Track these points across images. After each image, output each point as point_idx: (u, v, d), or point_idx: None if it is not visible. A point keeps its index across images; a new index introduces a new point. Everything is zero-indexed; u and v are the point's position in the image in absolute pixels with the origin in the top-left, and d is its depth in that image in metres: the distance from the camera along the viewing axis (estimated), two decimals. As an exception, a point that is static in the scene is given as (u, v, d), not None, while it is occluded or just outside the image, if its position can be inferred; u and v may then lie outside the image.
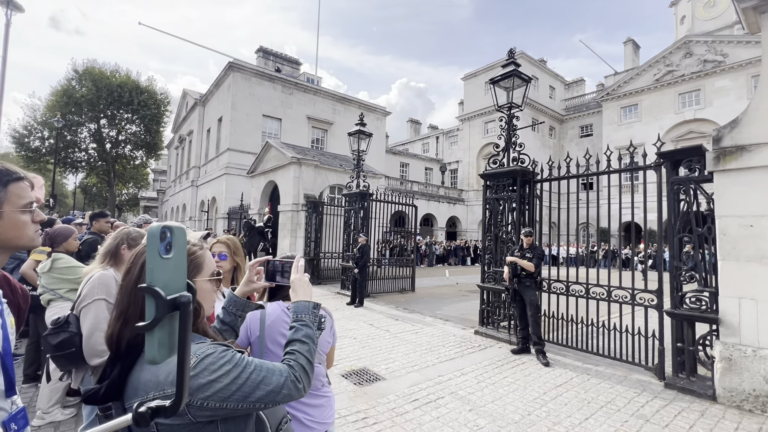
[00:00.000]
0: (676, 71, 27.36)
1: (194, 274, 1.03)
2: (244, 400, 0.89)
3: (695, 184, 4.23)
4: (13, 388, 0.94)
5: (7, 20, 10.16)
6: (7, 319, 0.97)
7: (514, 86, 6.41)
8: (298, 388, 0.98)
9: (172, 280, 0.62)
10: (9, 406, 0.92)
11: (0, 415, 0.88)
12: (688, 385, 4.03)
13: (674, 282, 4.27)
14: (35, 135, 29.53)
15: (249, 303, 1.42)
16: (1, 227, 0.90)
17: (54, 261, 3.10)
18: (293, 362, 1.03)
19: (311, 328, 1.14)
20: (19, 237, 0.94)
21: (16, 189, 0.93)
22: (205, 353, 0.89)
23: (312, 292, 1.27)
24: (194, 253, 1.05)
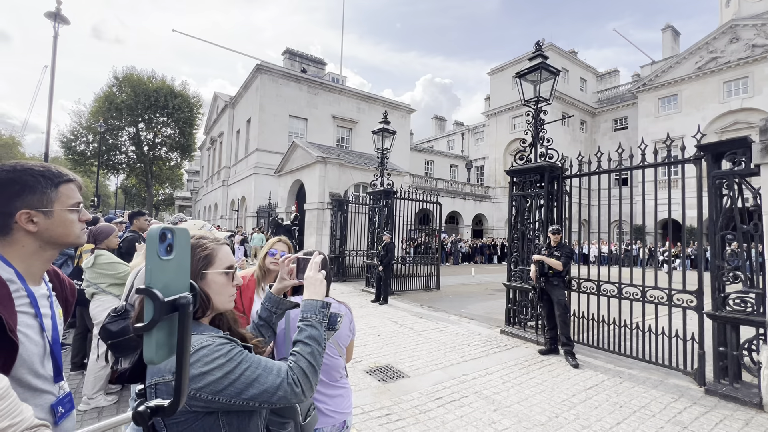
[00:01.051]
0: (720, 58, 25.62)
1: (206, 267, 1.05)
2: (237, 396, 0.89)
3: (740, 177, 3.96)
4: (61, 374, 1.03)
5: (55, 32, 10.87)
6: (56, 311, 1.06)
7: (541, 79, 6.23)
8: (295, 392, 0.95)
9: (172, 282, 0.63)
10: (57, 390, 1.00)
11: (48, 398, 0.96)
12: (731, 391, 3.80)
13: (716, 282, 4.02)
14: (81, 139, 31.51)
15: (284, 300, 1.44)
16: (50, 225, 0.98)
17: (97, 257, 3.31)
18: (293, 364, 1.00)
19: (317, 329, 1.10)
20: (67, 234, 1.02)
21: (66, 190, 1.01)
22: (202, 344, 0.92)
23: (325, 290, 1.24)
24: (205, 246, 1.07)
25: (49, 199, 0.97)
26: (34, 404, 0.93)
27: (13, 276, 0.93)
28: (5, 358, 0.85)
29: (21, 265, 0.96)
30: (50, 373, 0.98)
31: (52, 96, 10.97)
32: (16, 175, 0.93)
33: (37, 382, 0.94)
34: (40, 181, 0.96)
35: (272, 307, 1.42)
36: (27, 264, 0.97)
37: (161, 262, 0.62)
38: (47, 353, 0.97)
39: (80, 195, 1.05)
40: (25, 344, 0.90)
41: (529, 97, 6.33)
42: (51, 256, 1.03)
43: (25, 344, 0.90)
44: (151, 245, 0.62)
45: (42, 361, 0.95)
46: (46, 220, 0.97)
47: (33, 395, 0.93)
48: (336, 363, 1.78)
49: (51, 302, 1.04)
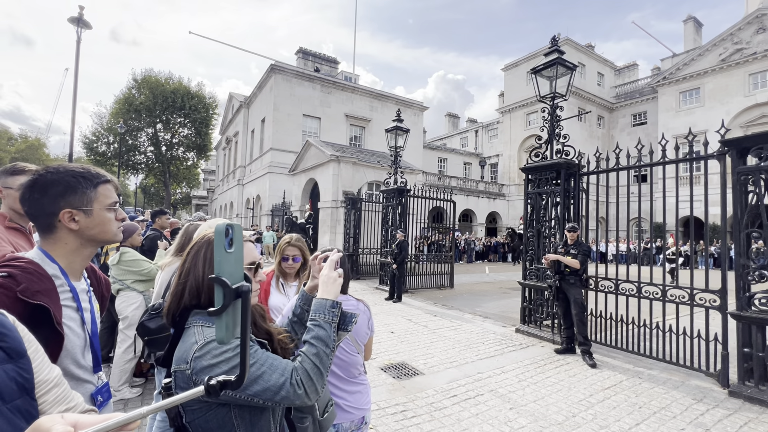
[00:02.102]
0: (746, 49, 24.68)
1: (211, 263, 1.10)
2: (241, 392, 0.92)
3: (766, 173, 3.84)
4: (99, 365, 1.09)
5: (78, 37, 11.22)
6: (94, 305, 1.12)
7: (557, 75, 6.13)
8: (298, 393, 0.95)
9: (234, 272, 0.70)
10: (96, 380, 1.06)
11: (89, 388, 1.02)
12: (756, 394, 3.69)
13: (740, 281, 3.91)
14: (102, 140, 32.44)
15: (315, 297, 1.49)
16: (90, 223, 1.04)
17: (122, 255, 3.43)
18: (298, 365, 1.00)
19: (324, 329, 1.08)
20: (105, 232, 1.08)
21: (104, 190, 1.07)
22: (212, 338, 0.96)
23: (338, 289, 1.22)
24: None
25: (89, 199, 1.03)
26: (78, 393, 0.99)
27: (58, 272, 0.99)
28: (52, 349, 0.91)
29: (63, 262, 1.02)
30: (90, 363, 1.04)
31: (75, 99, 11.34)
32: (59, 177, 0.99)
33: (79, 372, 0.99)
34: (81, 182, 1.02)
35: (305, 305, 1.45)
36: (69, 260, 1.03)
37: (226, 254, 0.69)
38: (87, 345, 1.03)
39: (116, 195, 1.11)
40: (69, 336, 0.96)
41: (544, 93, 6.24)
42: (90, 252, 1.09)
43: (69, 336, 0.96)
44: (219, 240, 0.69)
45: (83, 352, 1.01)
46: (86, 219, 1.02)
47: (76, 384, 0.99)
48: (354, 360, 1.81)
49: (90, 297, 1.10)
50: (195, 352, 0.95)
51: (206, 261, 1.08)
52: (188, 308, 1.05)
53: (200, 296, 1.06)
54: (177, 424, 0.97)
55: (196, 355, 0.94)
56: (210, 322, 1.03)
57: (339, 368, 1.78)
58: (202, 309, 1.06)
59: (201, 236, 1.12)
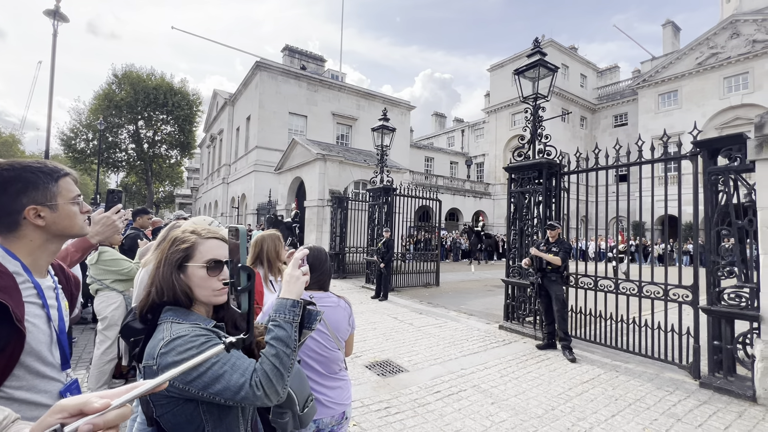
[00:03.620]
0: (721, 53, 25.56)
1: (186, 260, 1.10)
2: (204, 390, 0.93)
3: (735, 174, 4.01)
4: (68, 363, 1.08)
5: (54, 30, 10.87)
6: (62, 303, 1.11)
7: (540, 76, 6.25)
8: (257, 395, 0.94)
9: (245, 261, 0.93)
10: (64, 377, 1.05)
11: (56, 385, 1.02)
12: (725, 384, 3.86)
13: (711, 277, 4.08)
14: (81, 137, 31.50)
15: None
16: (56, 218, 1.03)
17: (100, 254, 3.36)
18: (258, 366, 0.98)
19: (285, 330, 1.04)
20: (72, 226, 1.07)
21: (65, 183, 1.06)
22: (178, 334, 0.98)
23: (301, 288, 1.17)
24: (186, 239, 1.12)
25: (53, 194, 1.02)
26: (44, 390, 0.99)
27: (19, 268, 0.98)
28: (14, 346, 0.90)
29: (28, 259, 1.01)
30: (58, 360, 1.03)
31: (51, 94, 10.99)
32: (16, 173, 0.98)
33: (45, 369, 0.99)
34: (41, 177, 1.01)
35: None
36: (34, 257, 1.02)
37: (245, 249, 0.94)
38: (54, 342, 1.02)
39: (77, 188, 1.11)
40: (33, 333, 0.95)
41: (527, 94, 6.36)
42: (56, 248, 1.08)
43: (33, 333, 0.95)
44: (243, 239, 0.94)
45: (50, 348, 1.00)
46: (52, 214, 1.02)
47: (42, 381, 0.98)
48: (335, 356, 1.83)
49: (57, 294, 1.09)
50: (161, 348, 0.96)
51: (165, 261, 1.09)
52: (159, 305, 1.06)
53: (164, 295, 1.07)
54: (152, 419, 0.98)
55: (162, 351, 0.96)
56: (181, 318, 1.04)
57: (319, 364, 1.80)
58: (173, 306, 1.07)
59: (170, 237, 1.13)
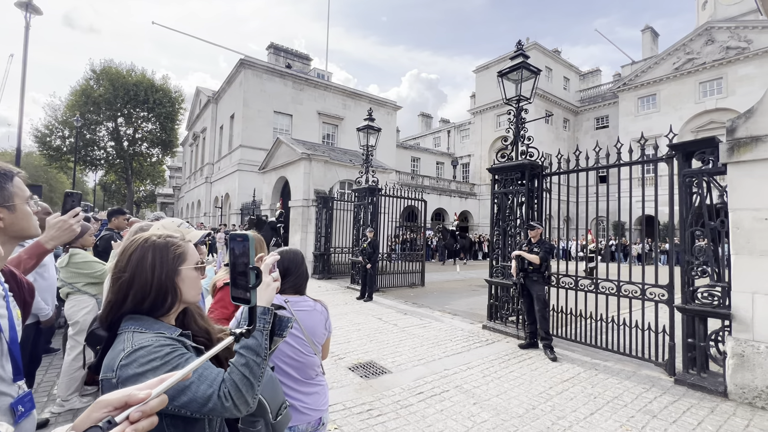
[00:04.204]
0: (696, 59, 26.44)
1: (181, 263, 1.08)
2: (170, 402, 0.86)
3: (708, 176, 4.13)
4: (20, 374, 1.02)
5: (27, 23, 10.46)
6: (13, 312, 1.04)
7: (522, 78, 6.33)
8: (226, 406, 0.92)
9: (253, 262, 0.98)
10: (16, 390, 0.99)
11: (6, 399, 0.96)
12: (698, 381, 3.97)
13: (686, 277, 4.19)
14: (56, 134, 30.43)
15: None
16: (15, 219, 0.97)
17: (71, 256, 3.23)
18: (227, 376, 0.95)
19: (255, 338, 1.01)
20: (29, 227, 1.02)
21: (19, 183, 1.01)
22: (140, 345, 0.93)
23: (272, 295, 1.14)
24: (178, 244, 1.10)
25: (10, 195, 0.97)
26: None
27: None
28: None
29: None
30: (10, 374, 0.97)
31: (24, 88, 10.57)
32: None
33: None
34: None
35: None
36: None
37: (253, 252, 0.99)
38: (5, 353, 0.96)
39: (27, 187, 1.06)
40: None
41: (510, 95, 6.42)
42: (9, 251, 1.02)
43: None
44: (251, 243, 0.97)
45: (0, 361, 0.94)
46: (10, 215, 0.96)
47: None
48: (311, 361, 1.79)
49: (8, 303, 1.03)
50: (121, 360, 0.91)
51: (155, 266, 1.04)
52: (122, 314, 1.02)
53: (144, 302, 1.02)
54: None
55: (123, 363, 0.91)
56: (144, 328, 0.99)
57: (295, 370, 1.76)
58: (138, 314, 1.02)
59: (139, 239, 1.08)
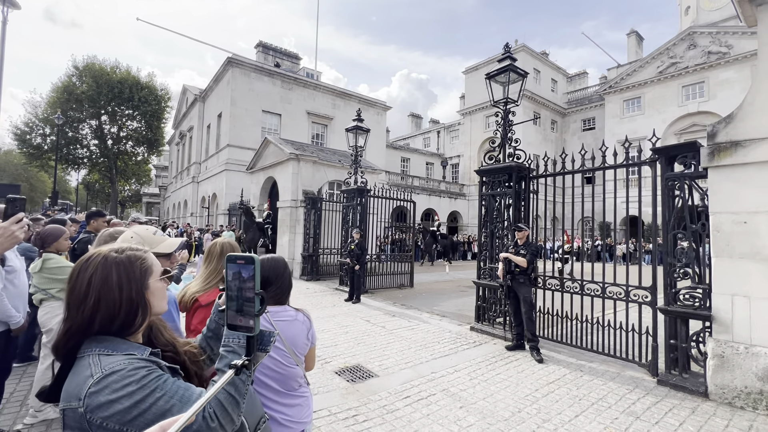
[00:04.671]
0: (679, 63, 27.04)
1: (147, 277, 1.02)
2: (148, 427, 0.83)
3: (690, 180, 4.19)
4: None
5: (4, 17, 10.13)
6: None
7: (510, 81, 6.35)
8: (211, 427, 0.88)
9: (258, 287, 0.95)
10: None
11: None
12: (680, 381, 4.03)
13: (668, 279, 4.25)
14: (37, 132, 29.60)
15: None
16: None
17: (44, 261, 3.12)
18: None
19: (239, 355, 0.99)
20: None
21: None
22: (112, 369, 0.87)
23: None
24: (143, 257, 1.04)
25: None
26: None
27: None
28: None
29: None
30: None
31: (0, 85, 10.23)
32: None
33: None
34: None
35: (221, 319, 1.37)
36: None
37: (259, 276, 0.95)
38: None
39: None
40: None
41: (498, 98, 6.45)
42: None
43: None
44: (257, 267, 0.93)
45: None
46: None
47: None
48: (293, 372, 1.75)
49: None
50: (90, 387, 0.84)
51: (122, 284, 0.97)
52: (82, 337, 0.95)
53: (114, 323, 0.95)
54: None
55: (92, 390, 0.84)
56: (110, 350, 0.93)
57: (276, 382, 1.71)
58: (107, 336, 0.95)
59: (96, 258, 0.99)
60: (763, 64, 3.75)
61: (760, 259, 3.59)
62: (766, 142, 3.59)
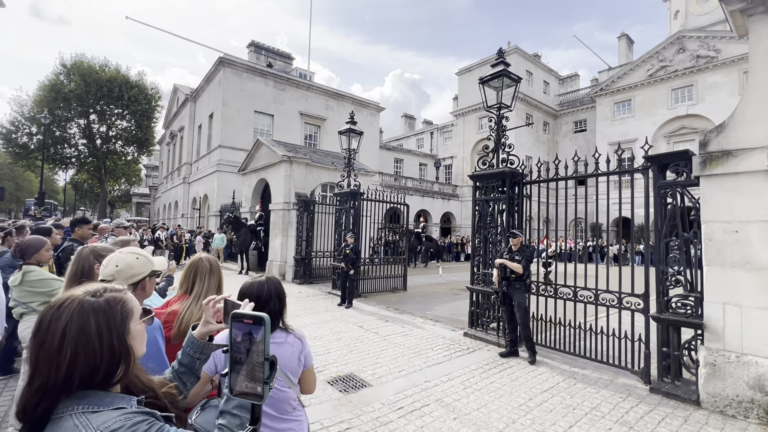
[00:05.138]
0: (669, 67, 27.41)
1: (128, 321, 0.94)
2: None
3: (682, 188, 4.21)
4: None
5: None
6: None
7: (503, 86, 6.34)
8: None
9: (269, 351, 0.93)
10: None
11: None
12: (672, 389, 4.04)
13: (660, 286, 4.26)
14: (23, 131, 29.00)
15: (209, 344, 1.34)
16: None
17: (25, 274, 3.01)
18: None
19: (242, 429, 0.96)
20: None
21: None
22: (110, 429, 0.79)
23: None
24: (123, 299, 0.96)
25: None
26: None
27: None
28: None
29: None
30: None
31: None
32: None
33: None
34: None
35: (195, 352, 1.30)
36: None
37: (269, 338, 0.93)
38: None
39: None
40: None
41: (491, 103, 6.43)
42: None
43: None
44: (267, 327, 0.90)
45: None
46: None
47: None
48: (285, 395, 1.69)
49: None
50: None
51: (101, 332, 0.87)
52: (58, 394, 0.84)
53: (95, 376, 0.86)
54: None
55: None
56: (94, 405, 0.84)
57: (268, 405, 1.65)
58: (87, 390, 0.86)
59: (69, 306, 0.88)
60: (753, 75, 3.77)
61: (751, 269, 3.61)
62: (756, 152, 3.62)
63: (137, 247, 2.01)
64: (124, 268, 1.70)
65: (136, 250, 1.75)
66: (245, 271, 13.34)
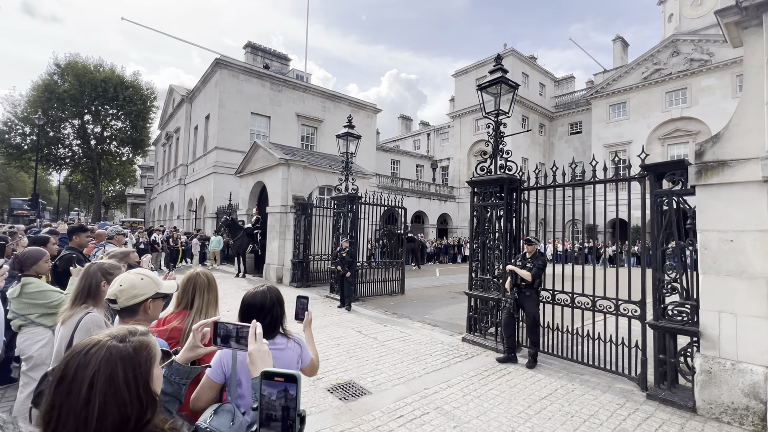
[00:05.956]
0: (663, 69, 27.65)
1: (152, 367, 0.92)
2: None
3: (678, 196, 4.26)
4: None
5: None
6: None
7: (501, 92, 6.38)
8: None
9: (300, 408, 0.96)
10: None
11: None
12: (669, 396, 4.09)
13: (657, 294, 4.31)
14: (16, 131, 28.73)
15: (194, 368, 1.33)
16: None
17: (24, 286, 2.99)
18: None
19: None
20: None
21: None
22: None
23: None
24: (147, 345, 0.94)
25: None
26: None
27: None
28: None
29: None
30: None
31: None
32: None
33: None
34: None
35: (180, 379, 1.30)
36: None
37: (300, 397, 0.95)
38: None
39: None
40: None
41: (489, 109, 6.46)
42: None
43: None
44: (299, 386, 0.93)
45: None
46: None
47: None
48: None
49: None
50: None
51: (128, 381, 0.84)
52: None
53: (127, 426, 0.84)
54: None
55: None
56: None
57: None
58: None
59: (97, 353, 0.84)
60: (748, 87, 3.83)
61: (746, 278, 3.66)
62: (751, 163, 3.67)
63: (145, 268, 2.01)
64: (127, 288, 1.70)
65: (143, 271, 1.76)
66: (242, 274, 13.30)
